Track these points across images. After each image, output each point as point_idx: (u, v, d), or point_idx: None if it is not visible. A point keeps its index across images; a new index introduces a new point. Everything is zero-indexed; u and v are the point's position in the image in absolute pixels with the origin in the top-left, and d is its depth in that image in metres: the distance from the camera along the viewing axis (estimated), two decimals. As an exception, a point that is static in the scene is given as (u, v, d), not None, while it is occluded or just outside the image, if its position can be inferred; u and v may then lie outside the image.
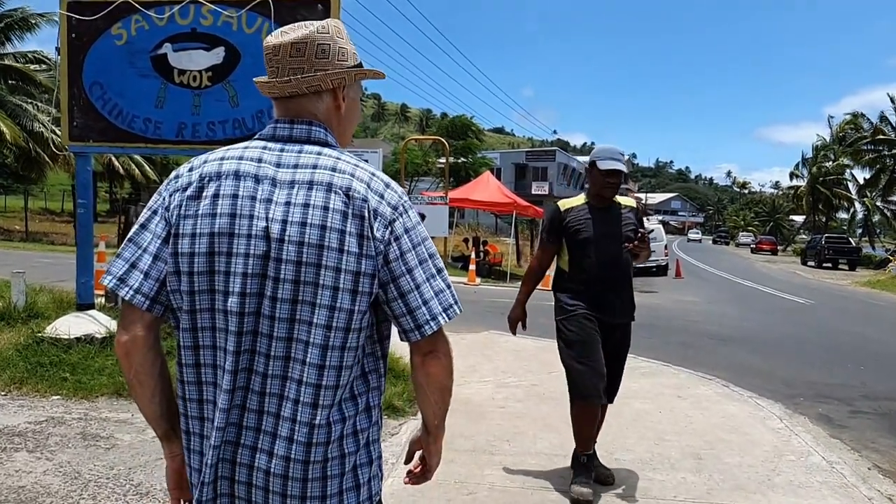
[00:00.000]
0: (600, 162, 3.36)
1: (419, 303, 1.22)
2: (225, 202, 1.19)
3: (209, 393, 1.23)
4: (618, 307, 3.43)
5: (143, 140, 5.25)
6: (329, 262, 1.16)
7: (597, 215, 3.39)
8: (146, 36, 5.16)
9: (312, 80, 1.25)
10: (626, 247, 3.30)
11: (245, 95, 5.16)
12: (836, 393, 6.33)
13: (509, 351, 7.20)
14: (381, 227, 1.20)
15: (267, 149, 1.25)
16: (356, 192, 1.20)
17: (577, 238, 3.38)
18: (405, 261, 1.22)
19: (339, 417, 1.21)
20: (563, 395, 5.59)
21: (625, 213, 3.46)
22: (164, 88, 5.20)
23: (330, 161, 1.23)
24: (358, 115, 1.38)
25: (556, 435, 4.46)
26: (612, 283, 3.39)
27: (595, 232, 3.35)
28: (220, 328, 1.19)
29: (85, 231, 5.69)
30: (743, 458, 4.10)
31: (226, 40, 5.13)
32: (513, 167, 49.60)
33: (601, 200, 3.43)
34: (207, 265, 1.19)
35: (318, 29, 1.26)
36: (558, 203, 3.55)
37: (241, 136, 5.21)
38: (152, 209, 1.26)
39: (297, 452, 1.18)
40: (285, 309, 1.17)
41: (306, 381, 1.17)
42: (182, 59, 5.15)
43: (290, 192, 1.19)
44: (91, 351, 5.26)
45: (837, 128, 43.10)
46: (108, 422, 4.28)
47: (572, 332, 3.37)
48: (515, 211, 18.94)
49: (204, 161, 1.26)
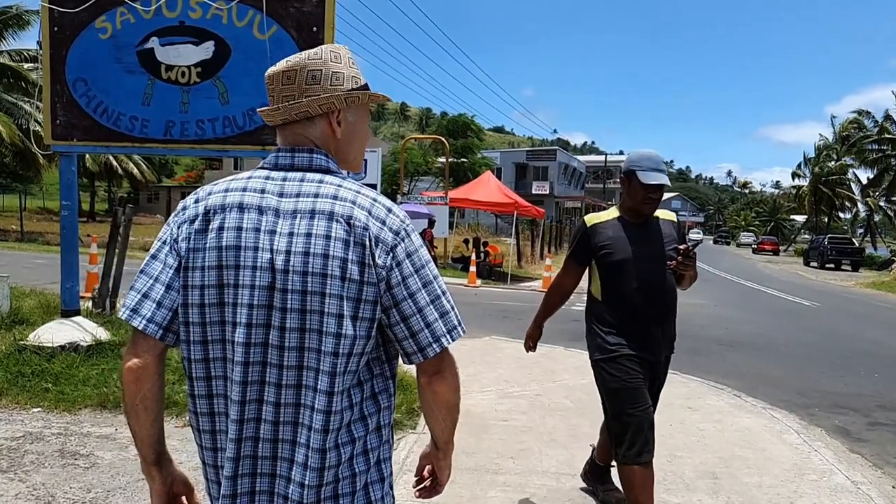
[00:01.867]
0: (642, 174, 2.76)
1: (422, 326, 1.24)
2: (230, 235, 1.21)
3: (221, 424, 1.26)
4: (663, 342, 2.88)
5: (130, 139, 5.01)
6: (333, 291, 1.18)
7: (633, 232, 2.83)
8: (132, 29, 4.91)
9: (299, 106, 1.27)
10: (670, 265, 2.74)
11: (235, 92, 4.92)
12: (852, 403, 6.10)
13: (512, 358, 6.96)
14: (383, 254, 1.21)
15: (270, 179, 1.26)
16: (357, 221, 1.21)
17: (610, 260, 2.82)
18: (407, 285, 1.23)
19: (348, 439, 1.24)
20: (568, 407, 5.49)
21: (664, 228, 2.90)
22: (151, 85, 4.95)
23: (332, 189, 1.24)
24: (363, 138, 1.38)
25: (563, 451, 4.22)
26: (657, 314, 2.82)
27: (633, 252, 2.79)
28: (228, 359, 1.22)
29: (69, 234, 5.44)
30: (762, 478, 3.86)
31: (215, 34, 4.88)
32: (513, 166, 49.36)
33: (637, 216, 2.86)
34: (217, 297, 1.22)
35: (311, 55, 1.29)
36: (585, 218, 3.00)
37: (232, 135, 4.97)
38: (162, 240, 1.28)
39: (310, 479, 1.21)
40: (294, 338, 1.19)
41: (317, 407, 1.20)
42: (170, 54, 4.91)
43: (293, 223, 1.21)
44: (75, 360, 5.02)
45: (840, 127, 42.79)
46: (89, 437, 4.04)
47: (617, 379, 2.81)
48: (516, 211, 18.69)
49: (209, 193, 1.28)
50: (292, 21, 4.84)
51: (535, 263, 23.58)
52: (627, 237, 2.82)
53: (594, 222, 2.93)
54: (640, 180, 2.76)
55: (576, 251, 2.98)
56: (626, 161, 2.87)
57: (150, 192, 48.73)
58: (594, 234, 2.88)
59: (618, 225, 2.87)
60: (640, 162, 2.79)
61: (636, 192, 2.80)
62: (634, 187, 2.80)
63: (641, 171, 2.77)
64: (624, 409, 2.79)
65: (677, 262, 2.70)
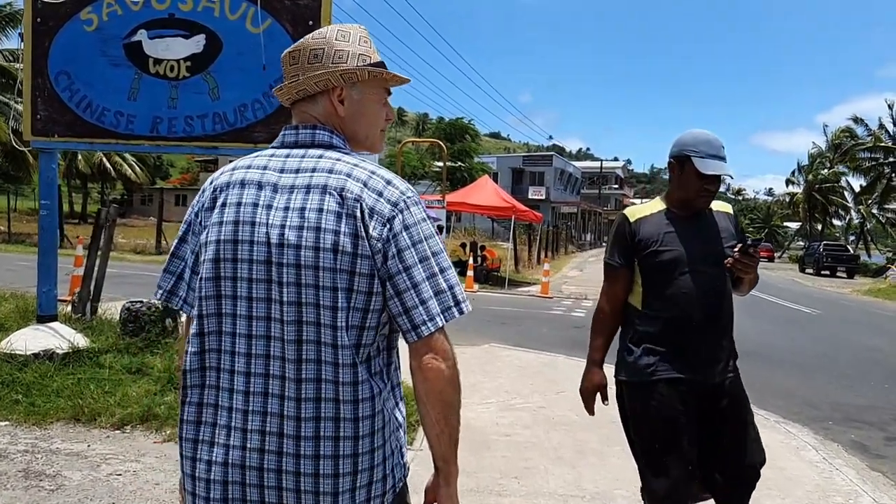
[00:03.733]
0: (700, 161, 2.27)
1: (415, 302, 1.20)
2: (230, 210, 1.23)
3: (210, 397, 1.25)
4: (721, 358, 2.34)
5: (114, 135, 4.76)
6: (325, 264, 1.17)
7: (683, 227, 2.34)
8: (119, 21, 4.67)
9: (298, 84, 1.29)
10: (727, 263, 2.29)
11: (227, 88, 4.67)
12: (866, 416, 5.89)
13: (512, 367, 6.72)
14: (379, 225, 1.19)
15: (274, 156, 1.29)
16: (349, 192, 1.20)
17: (656, 261, 2.31)
18: (402, 258, 1.20)
19: (369, 413, 1.21)
20: (573, 420, 5.25)
21: (720, 221, 2.41)
22: (137, 79, 4.70)
23: (329, 163, 1.25)
24: (373, 116, 1.36)
25: (570, 470, 3.98)
26: (713, 325, 2.31)
27: (685, 251, 2.29)
28: (226, 332, 1.23)
29: (48, 235, 5.17)
30: (785, 500, 3.63)
31: (206, 27, 4.64)
32: (510, 171, 49.26)
33: (688, 208, 2.37)
34: (213, 271, 1.23)
35: (315, 35, 1.31)
36: (625, 212, 2.48)
37: (222, 132, 4.73)
38: (187, 221, 1.32)
39: (325, 468, 1.19)
40: (292, 311, 1.18)
41: (325, 378, 1.18)
42: (158, 48, 4.66)
43: (290, 197, 1.22)
44: (50, 369, 4.75)
45: (833, 135, 42.96)
46: (58, 455, 3.77)
47: (648, 410, 2.30)
48: (514, 215, 18.49)
49: (221, 172, 1.32)
50: (287, 14, 4.60)
51: (532, 268, 23.38)
52: (677, 233, 2.32)
53: (638, 216, 2.41)
54: (697, 169, 2.27)
55: (618, 250, 2.41)
56: (678, 144, 2.37)
57: (145, 194, 48.35)
58: (638, 229, 2.36)
59: (665, 219, 2.36)
60: (696, 146, 2.30)
61: (690, 181, 2.31)
62: (688, 176, 2.31)
63: (698, 158, 2.27)
64: (654, 450, 2.28)
65: (735, 260, 2.24)
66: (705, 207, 2.39)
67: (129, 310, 6.17)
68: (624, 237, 2.40)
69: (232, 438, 1.21)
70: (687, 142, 2.33)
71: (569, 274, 23.61)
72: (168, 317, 6.27)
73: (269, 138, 4.73)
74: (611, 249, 2.45)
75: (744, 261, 2.22)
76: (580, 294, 16.17)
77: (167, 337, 6.03)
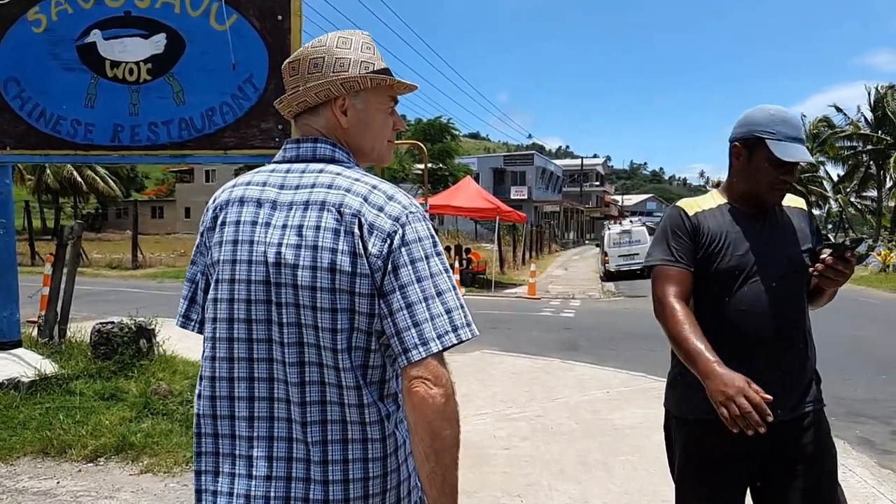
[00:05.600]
0: (777, 144, 1.80)
1: (408, 324, 1.12)
2: (230, 229, 1.21)
3: (223, 427, 1.21)
4: (796, 388, 1.86)
5: (72, 146, 4.43)
6: (323, 284, 1.13)
7: (750, 227, 1.88)
8: (70, 21, 4.34)
9: (298, 96, 1.25)
10: (815, 270, 1.83)
11: (192, 91, 4.37)
12: (869, 410, 5.75)
13: (506, 374, 6.48)
14: (379, 241, 1.14)
15: (274, 171, 1.25)
16: (348, 208, 1.16)
17: (718, 267, 1.85)
18: (398, 276, 1.13)
19: (359, 437, 1.17)
20: (572, 429, 5.00)
21: (795, 220, 1.95)
22: (94, 84, 4.38)
23: (328, 178, 1.20)
24: (379, 126, 1.30)
25: (575, 485, 3.74)
26: (786, 348, 1.85)
27: (754, 256, 1.84)
28: (220, 357, 1.20)
29: (6, 255, 4.82)
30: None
31: (167, 25, 4.34)
32: (491, 172, 49.10)
33: (756, 204, 1.90)
34: (213, 293, 1.22)
35: (314, 43, 1.27)
36: (680, 204, 2.01)
37: (189, 139, 4.42)
38: (196, 243, 1.30)
39: (318, 474, 1.15)
40: (292, 333, 1.15)
41: (330, 400, 1.15)
42: (115, 49, 4.34)
43: (288, 214, 1.18)
44: (15, 399, 4.43)
45: (811, 125, 43.46)
46: (24, 495, 3.45)
47: (693, 451, 1.92)
48: (498, 216, 18.30)
49: (222, 190, 1.29)
50: (254, 9, 4.32)
51: (517, 269, 23.22)
52: (744, 234, 1.87)
53: (697, 209, 1.93)
54: (773, 154, 1.79)
55: (675, 248, 1.88)
56: (747, 123, 1.89)
57: (120, 207, 47.45)
58: (699, 225, 1.90)
59: (727, 215, 1.91)
60: (771, 126, 1.82)
61: (761, 170, 1.84)
62: (759, 164, 1.84)
63: (775, 141, 1.80)
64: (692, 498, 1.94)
65: (826, 266, 1.79)
66: (779, 203, 1.92)
67: (100, 331, 5.83)
68: (684, 232, 1.89)
69: (237, 467, 1.19)
70: (759, 120, 1.85)
71: (554, 273, 23.49)
72: (142, 337, 5.94)
73: (240, 144, 4.43)
74: (661, 247, 1.92)
75: (838, 267, 1.78)
76: (567, 294, 16.02)
77: (142, 359, 5.71)
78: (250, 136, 4.34)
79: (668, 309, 1.79)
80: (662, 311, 1.81)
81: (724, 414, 1.55)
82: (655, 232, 1.99)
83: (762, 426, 1.50)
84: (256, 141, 4.34)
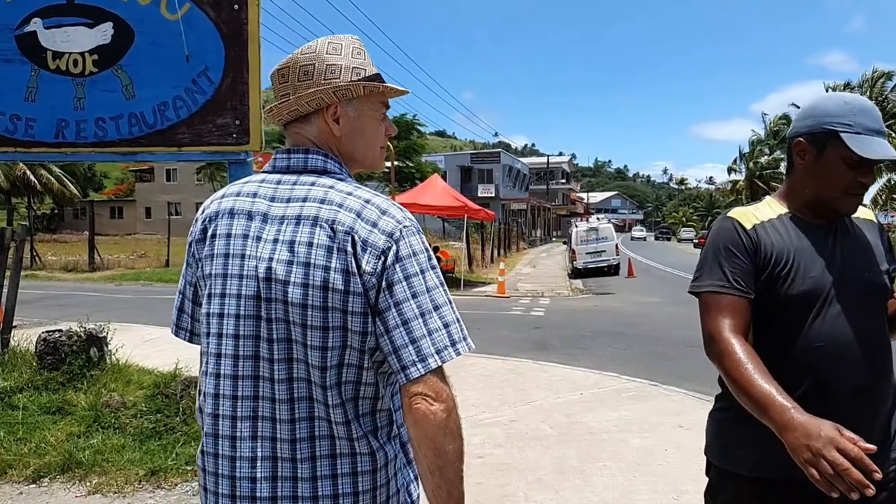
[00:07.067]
0: (855, 139, 1.44)
1: (405, 341, 1.10)
2: (220, 242, 1.19)
3: (210, 445, 1.20)
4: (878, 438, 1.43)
5: (11, 143, 4.08)
6: (314, 302, 1.11)
7: (820, 241, 1.53)
8: (7, 9, 4.00)
9: (288, 105, 1.23)
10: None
11: (143, 84, 4.07)
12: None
13: (478, 377, 6.34)
14: (373, 259, 1.12)
15: (265, 182, 1.23)
16: (341, 224, 1.13)
17: (791, 293, 1.48)
18: (393, 293, 1.11)
19: (348, 451, 1.15)
20: (547, 434, 4.87)
21: (868, 233, 1.60)
22: (35, 76, 4.05)
23: (321, 192, 1.17)
24: (371, 134, 1.28)
25: (552, 495, 3.61)
26: (866, 394, 1.46)
27: (829, 278, 1.48)
28: (210, 373, 1.19)
29: (-61, 262, 4.46)
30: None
31: (113, 14, 4.03)
32: (458, 170, 49.07)
33: (824, 213, 1.55)
34: (206, 307, 1.21)
35: (304, 49, 1.24)
36: (732, 215, 1.60)
37: (140, 136, 4.14)
38: (186, 253, 1.29)
39: (305, 490, 1.14)
40: (282, 349, 1.13)
41: (318, 416, 1.13)
42: (57, 38, 4.02)
43: (279, 229, 1.16)
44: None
45: (771, 123, 44.58)
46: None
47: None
48: (466, 215, 18.18)
49: (210, 200, 1.28)
50: (209, -2, 4.05)
51: (486, 267, 23.17)
52: (816, 250, 1.51)
53: (755, 221, 1.56)
54: (851, 151, 1.44)
55: (730, 270, 1.51)
56: (816, 114, 1.51)
57: (77, 208, 45.91)
58: (760, 239, 1.53)
59: (792, 227, 1.55)
60: (847, 117, 1.46)
61: (835, 171, 1.47)
62: (831, 163, 1.48)
63: (853, 135, 1.44)
64: None
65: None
66: (853, 212, 1.55)
67: (46, 340, 5.50)
68: (740, 250, 1.51)
69: (220, 486, 1.17)
70: (831, 110, 1.48)
71: (522, 271, 23.51)
72: (93, 346, 5.62)
73: (196, 140, 4.16)
74: (712, 270, 1.55)
75: None
76: (536, 291, 15.99)
77: (93, 369, 5.41)
78: (206, 132, 4.08)
79: (725, 346, 1.42)
80: (717, 350, 1.45)
81: (814, 475, 1.19)
82: (703, 249, 1.62)
83: (870, 487, 1.12)
84: (213, 137, 4.09)
